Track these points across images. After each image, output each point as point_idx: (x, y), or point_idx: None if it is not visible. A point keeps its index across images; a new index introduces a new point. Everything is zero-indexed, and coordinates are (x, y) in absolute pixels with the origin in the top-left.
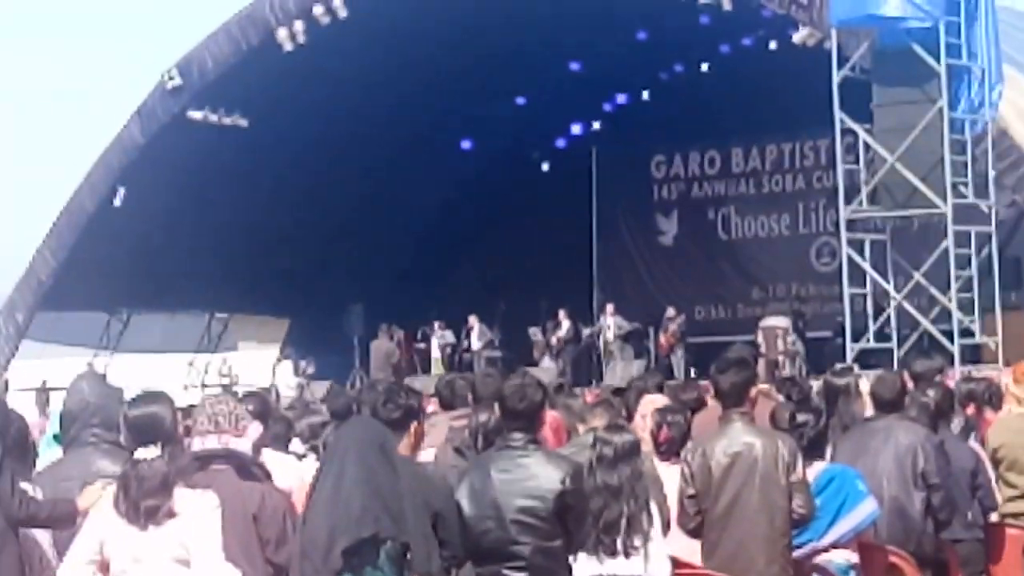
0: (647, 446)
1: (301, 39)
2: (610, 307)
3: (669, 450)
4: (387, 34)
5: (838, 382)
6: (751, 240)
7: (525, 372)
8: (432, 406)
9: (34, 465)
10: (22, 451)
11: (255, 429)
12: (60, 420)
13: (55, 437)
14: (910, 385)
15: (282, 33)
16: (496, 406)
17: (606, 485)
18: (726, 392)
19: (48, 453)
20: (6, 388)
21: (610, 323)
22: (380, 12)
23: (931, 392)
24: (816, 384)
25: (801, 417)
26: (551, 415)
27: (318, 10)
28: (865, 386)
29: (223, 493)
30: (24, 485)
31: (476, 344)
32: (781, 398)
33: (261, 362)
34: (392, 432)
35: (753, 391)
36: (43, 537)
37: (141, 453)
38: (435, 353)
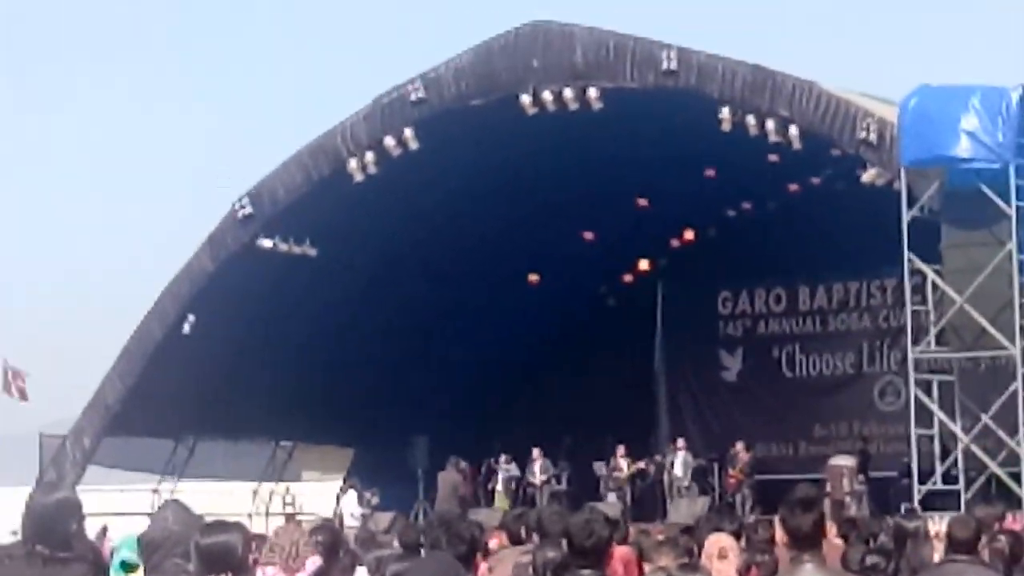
0: None
1: (372, 170)
2: (680, 441)
3: None
4: (457, 167)
5: (908, 525)
6: (815, 378)
7: (592, 508)
8: (496, 540)
9: None
10: None
11: (312, 563)
12: (142, 547)
13: (122, 565)
14: None
15: (353, 164)
16: (564, 542)
17: None
18: (798, 534)
19: None
20: (104, 533)
21: (679, 458)
22: (451, 145)
23: (1003, 537)
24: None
25: (871, 560)
26: (622, 550)
27: (389, 142)
28: (933, 529)
29: None
30: None
31: (539, 478)
32: (839, 541)
33: (324, 491)
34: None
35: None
36: None
37: None
38: (499, 486)
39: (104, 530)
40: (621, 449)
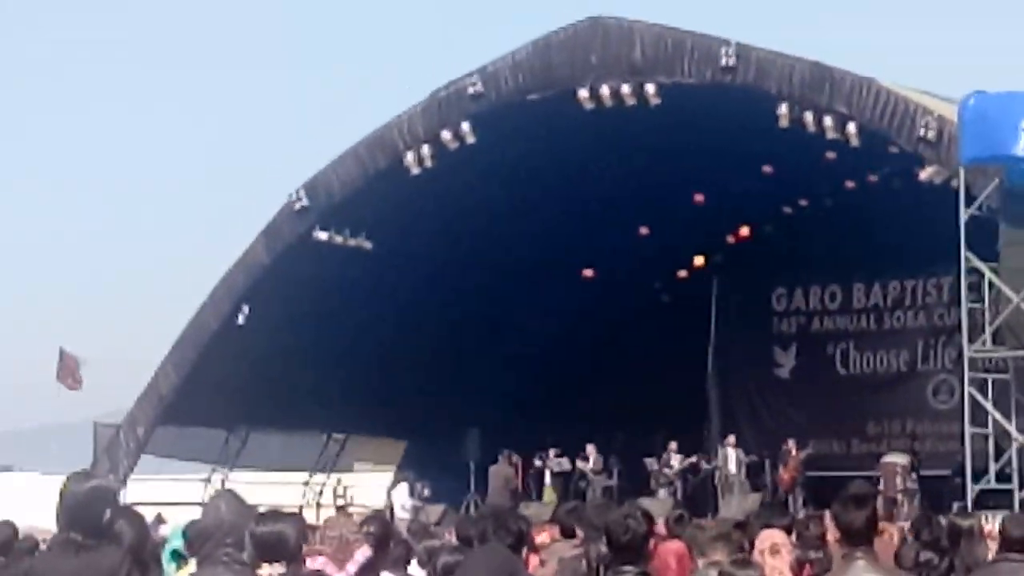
0: None
1: (428, 163)
2: (731, 438)
3: None
4: (514, 160)
5: (962, 523)
6: (869, 375)
7: (633, 503)
8: (545, 534)
9: None
10: (145, 561)
11: (363, 553)
12: (194, 536)
13: (173, 554)
14: None
15: (409, 157)
16: (609, 540)
17: None
18: (851, 531)
19: (168, 569)
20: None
21: (731, 454)
22: (508, 139)
23: None
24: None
25: (925, 556)
26: (675, 544)
27: (446, 135)
28: (987, 528)
29: None
30: None
31: (592, 472)
32: (892, 537)
33: (376, 483)
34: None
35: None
36: None
37: (264, 571)
38: (548, 480)
39: (158, 518)
40: (673, 445)
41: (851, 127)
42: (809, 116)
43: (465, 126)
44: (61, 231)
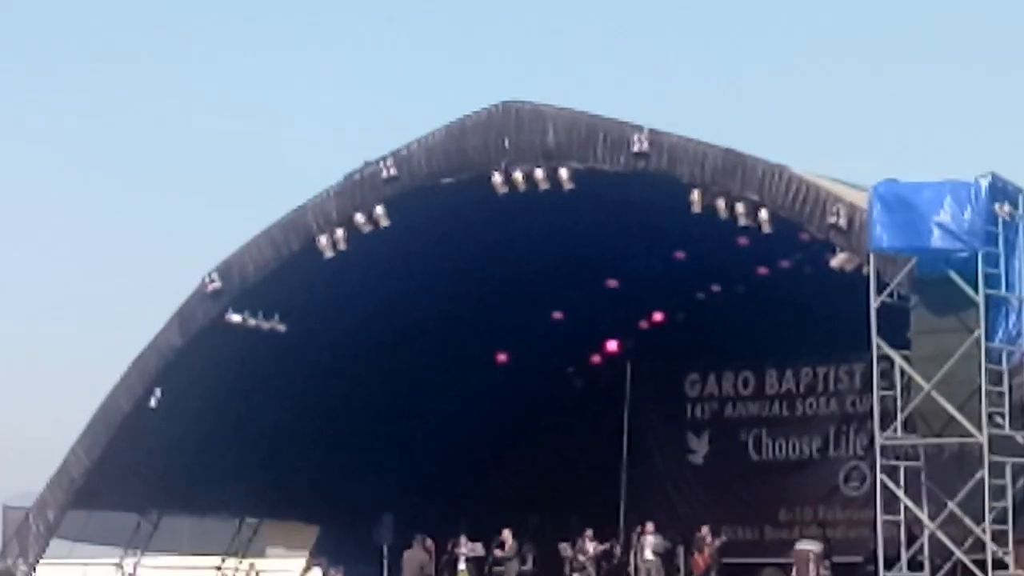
0: None
1: (342, 246)
2: (650, 525)
3: None
4: (427, 245)
5: None
6: (781, 462)
7: None
8: None
9: None
10: None
11: None
12: None
13: None
14: None
15: (323, 240)
16: None
17: None
18: None
19: None
20: None
21: (649, 541)
22: (421, 222)
23: None
24: None
25: None
26: None
27: (360, 219)
28: None
29: None
30: None
31: (506, 558)
32: None
33: (289, 568)
34: None
35: None
36: None
37: None
38: (461, 566)
39: None
40: (589, 532)
41: (763, 213)
42: (721, 202)
43: (379, 209)
44: None
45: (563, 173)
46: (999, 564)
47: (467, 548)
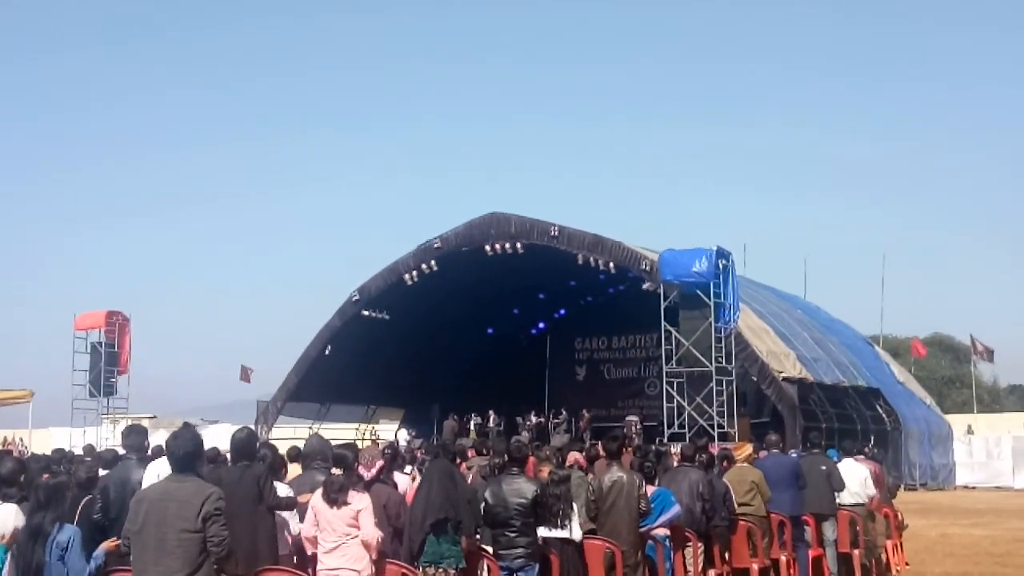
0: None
1: (415, 279)
2: (563, 414)
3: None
4: (456, 279)
5: (662, 448)
6: (619, 380)
7: (518, 439)
8: (471, 453)
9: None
10: (277, 470)
11: (380, 464)
12: (301, 455)
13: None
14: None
15: (407, 276)
16: (504, 455)
17: (554, 494)
18: (610, 452)
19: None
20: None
21: (563, 417)
22: (452, 269)
23: (704, 455)
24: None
25: (645, 465)
26: (531, 458)
27: (424, 266)
28: (674, 451)
29: (372, 493)
30: (279, 486)
31: (491, 425)
32: (628, 456)
33: (391, 429)
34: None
35: (624, 452)
36: (287, 515)
37: (335, 472)
38: (472, 428)
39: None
40: (532, 412)
41: (611, 264)
42: (591, 259)
43: (432, 262)
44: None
45: (518, 246)
46: (720, 427)
47: (475, 420)
